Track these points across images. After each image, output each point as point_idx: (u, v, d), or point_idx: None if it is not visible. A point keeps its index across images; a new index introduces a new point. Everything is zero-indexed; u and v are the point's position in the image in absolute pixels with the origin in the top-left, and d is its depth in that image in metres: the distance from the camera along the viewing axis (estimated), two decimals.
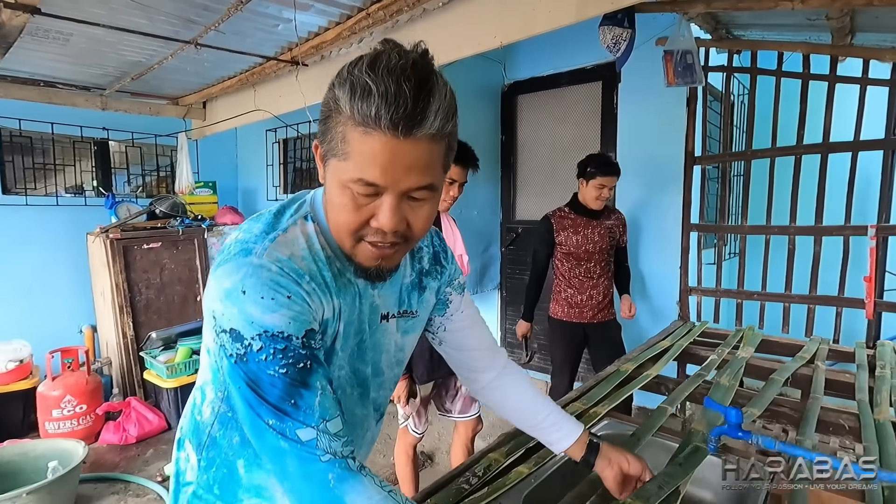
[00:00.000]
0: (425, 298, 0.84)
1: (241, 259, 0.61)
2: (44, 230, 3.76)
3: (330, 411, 0.61)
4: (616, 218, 2.49)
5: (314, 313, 0.63)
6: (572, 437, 0.92)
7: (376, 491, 0.60)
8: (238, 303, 0.59)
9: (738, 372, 1.74)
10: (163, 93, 3.70)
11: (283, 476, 0.60)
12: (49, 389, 3.02)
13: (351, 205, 0.60)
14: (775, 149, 2.44)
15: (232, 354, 0.60)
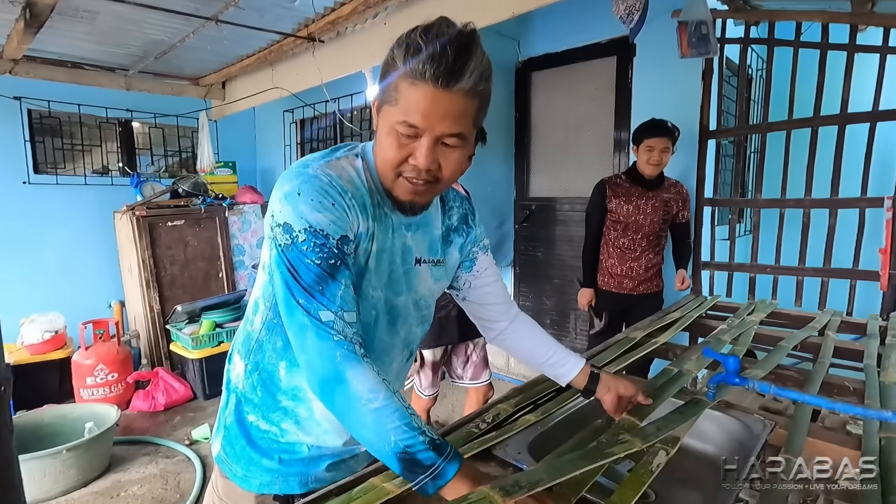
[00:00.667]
0: (450, 251, 0.97)
1: (301, 170, 0.76)
2: (74, 208, 3.91)
3: (348, 304, 0.74)
4: (676, 191, 2.40)
5: (350, 224, 0.76)
6: (576, 369, 1.05)
7: (373, 375, 0.71)
8: (293, 202, 0.73)
9: (747, 339, 1.77)
10: (184, 73, 3.79)
11: (302, 349, 0.73)
12: (83, 358, 3.18)
13: (395, 143, 0.74)
14: (792, 121, 2.41)
15: (281, 244, 0.73)
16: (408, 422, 0.68)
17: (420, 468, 0.66)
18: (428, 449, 0.67)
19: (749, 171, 3.18)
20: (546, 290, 3.55)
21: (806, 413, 1.15)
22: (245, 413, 0.90)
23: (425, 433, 0.69)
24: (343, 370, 0.70)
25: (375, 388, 0.69)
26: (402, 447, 0.67)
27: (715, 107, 2.61)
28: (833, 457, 1.09)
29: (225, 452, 0.92)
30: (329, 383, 0.70)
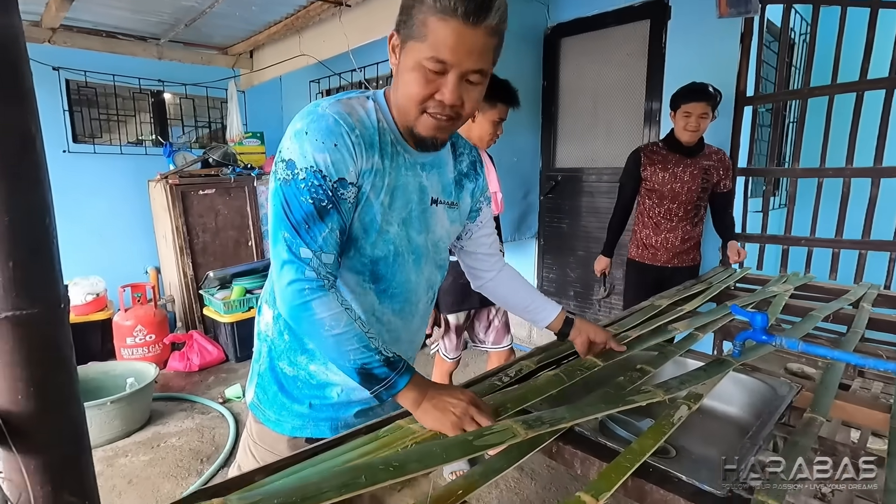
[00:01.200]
0: (463, 196, 1.00)
1: (312, 109, 0.79)
2: (111, 177, 4.05)
3: (329, 247, 0.79)
4: (718, 159, 2.28)
5: (353, 164, 0.79)
6: (554, 314, 1.14)
7: (336, 305, 0.78)
8: (301, 140, 0.77)
9: (777, 309, 1.73)
10: (213, 42, 3.82)
11: (278, 277, 0.78)
12: (123, 319, 3.34)
13: (422, 80, 0.76)
14: (836, 85, 2.30)
15: (281, 178, 0.77)
16: (366, 344, 0.78)
17: (375, 380, 0.78)
18: (382, 365, 0.78)
19: (787, 140, 3.06)
20: (570, 262, 3.53)
21: (834, 379, 1.13)
22: (275, 360, 0.94)
23: (381, 353, 0.79)
24: (309, 300, 0.76)
25: (337, 316, 0.77)
26: (360, 364, 0.77)
27: (753, 72, 2.51)
28: (862, 420, 1.08)
29: (258, 399, 0.97)
30: (296, 311, 0.77)
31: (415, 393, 0.80)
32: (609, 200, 3.25)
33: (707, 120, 2.15)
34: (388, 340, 0.94)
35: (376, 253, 0.87)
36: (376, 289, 0.90)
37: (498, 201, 2.02)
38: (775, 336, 0.96)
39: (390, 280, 0.90)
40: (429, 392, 0.81)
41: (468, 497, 0.68)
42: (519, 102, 1.90)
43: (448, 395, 0.81)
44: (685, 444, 1.10)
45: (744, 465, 0.80)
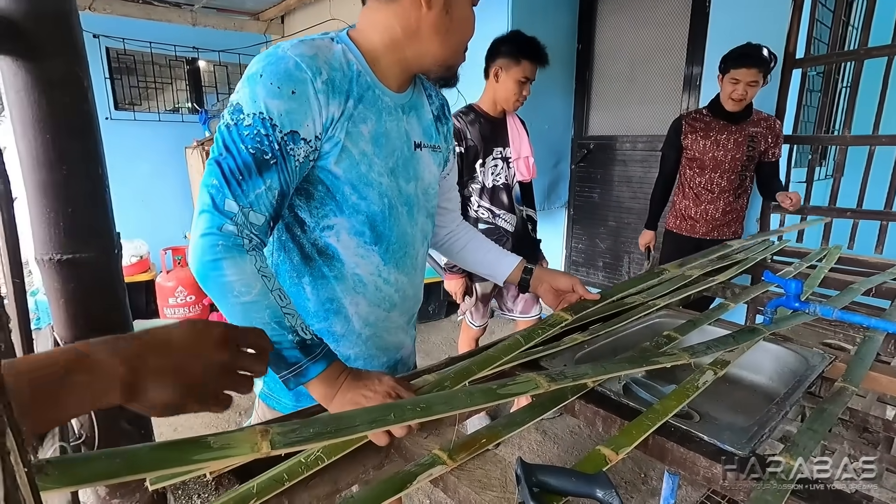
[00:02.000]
0: (441, 137, 0.96)
1: (271, 51, 0.72)
2: (151, 144, 4.19)
3: (261, 207, 0.70)
4: (766, 126, 2.13)
5: (313, 116, 0.71)
6: (511, 266, 1.09)
7: (251, 269, 0.68)
8: (253, 83, 0.69)
9: (814, 283, 1.67)
10: (245, 8, 3.84)
11: (195, 227, 0.69)
12: (165, 281, 3.51)
13: (474, 17, 0.81)
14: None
15: (226, 121, 0.70)
16: (279, 320, 0.68)
17: (284, 364, 0.68)
18: (294, 348, 0.68)
19: (839, 106, 2.88)
20: (601, 232, 3.48)
21: (872, 350, 1.10)
22: None
23: (296, 332, 0.69)
24: (220, 258, 0.67)
25: (250, 282, 0.68)
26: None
27: (805, 32, 2.35)
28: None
29: (269, 388, 0.92)
30: (204, 267, 0.68)
31: (326, 385, 0.70)
32: (643, 169, 3.17)
33: (756, 87, 2.02)
34: (397, 301, 0.92)
35: (372, 208, 0.82)
36: (379, 249, 0.85)
37: (530, 166, 2.00)
38: (809, 304, 0.94)
39: (389, 236, 0.86)
40: (343, 384, 0.71)
41: (492, 447, 0.71)
42: (547, 60, 1.84)
43: (364, 387, 0.71)
44: (710, 410, 1.10)
45: (767, 430, 0.80)
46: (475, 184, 1.92)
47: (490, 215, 1.95)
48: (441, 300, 3.74)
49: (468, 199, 1.94)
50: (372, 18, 0.80)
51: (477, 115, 1.90)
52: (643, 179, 3.17)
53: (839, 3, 2.34)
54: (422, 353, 3.23)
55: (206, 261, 0.67)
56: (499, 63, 1.82)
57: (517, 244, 1.98)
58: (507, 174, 1.94)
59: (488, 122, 1.90)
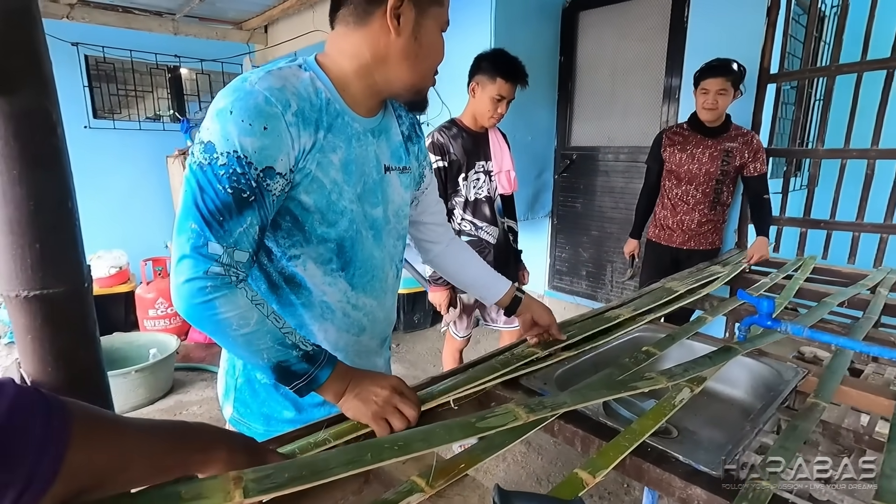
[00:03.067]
0: (411, 158, 0.96)
1: (238, 85, 0.70)
2: (130, 153, 4.12)
3: (245, 244, 0.70)
4: (743, 141, 2.16)
5: (286, 150, 0.71)
6: (503, 290, 1.10)
7: (244, 302, 0.69)
8: (223, 120, 0.67)
9: (789, 294, 1.72)
10: (227, 17, 3.82)
11: (177, 273, 0.68)
12: (145, 292, 3.44)
13: (443, 42, 0.81)
14: (865, 62, 2.21)
15: (196, 161, 0.68)
16: (280, 340, 0.71)
17: (295, 377, 0.72)
18: (301, 361, 0.72)
19: (811, 120, 2.96)
20: (584, 241, 3.51)
21: (843, 364, 1.13)
22: (253, 371, 0.88)
23: (298, 347, 0.72)
24: (212, 299, 0.67)
25: (246, 314, 0.69)
26: (276, 362, 0.71)
27: (779, 48, 2.42)
28: (867, 406, 1.08)
29: (239, 414, 0.91)
30: (196, 310, 0.67)
31: (336, 385, 0.76)
32: (625, 180, 3.22)
33: (726, 97, 2.07)
34: (366, 325, 0.92)
35: (340, 235, 0.82)
36: (346, 275, 0.85)
37: (511, 179, 2.01)
38: (781, 322, 0.96)
39: (356, 262, 0.86)
40: (351, 382, 0.77)
41: (473, 470, 0.71)
42: (525, 80, 1.84)
43: (371, 384, 0.77)
44: (688, 425, 1.12)
45: (741, 448, 0.82)
46: (458, 197, 1.94)
47: (473, 228, 1.96)
48: (426, 310, 3.73)
49: (451, 212, 1.95)
50: (340, 44, 0.80)
51: (459, 130, 1.91)
52: (625, 190, 3.22)
53: (811, 20, 2.41)
54: (407, 363, 3.22)
55: (195, 304, 0.67)
56: (477, 79, 1.84)
57: (498, 256, 2.00)
58: (489, 187, 1.96)
59: (470, 136, 1.92)
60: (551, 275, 3.72)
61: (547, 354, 1.11)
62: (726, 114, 2.16)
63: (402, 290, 3.50)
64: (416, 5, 0.76)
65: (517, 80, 1.81)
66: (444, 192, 1.90)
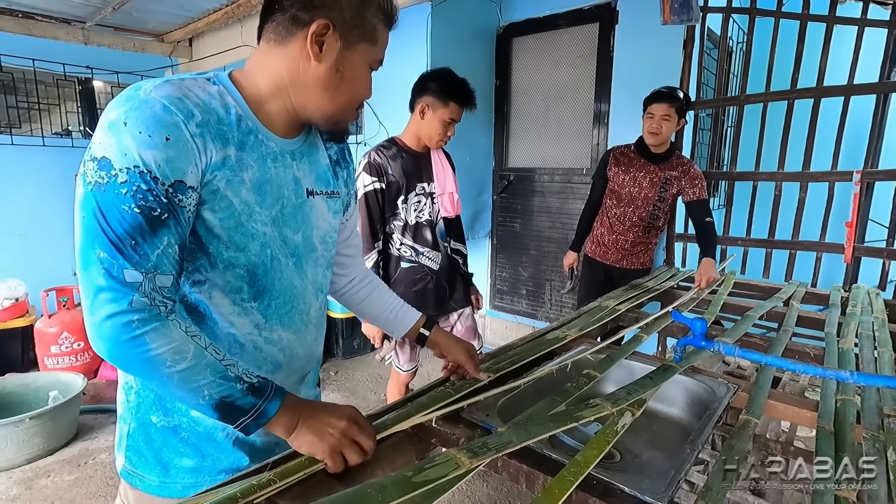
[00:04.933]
0: (340, 183, 0.92)
1: (131, 94, 0.63)
2: (32, 171, 3.72)
3: (165, 266, 0.64)
4: (683, 170, 2.22)
5: (193, 162, 0.65)
6: (408, 325, 1.07)
7: (179, 335, 0.64)
8: (117, 133, 0.60)
9: (715, 309, 1.80)
10: (146, 28, 3.58)
11: (92, 310, 0.61)
12: (46, 326, 3.07)
13: (370, 79, 0.79)
14: (769, 93, 2.42)
15: (90, 182, 0.60)
16: (222, 374, 0.65)
17: (241, 413, 0.67)
18: (246, 394, 0.67)
19: (725, 144, 3.20)
20: (523, 261, 3.56)
21: (767, 378, 1.18)
22: (147, 413, 0.79)
23: (242, 380, 0.67)
24: (141, 335, 0.61)
25: (181, 348, 0.63)
26: (218, 398, 0.65)
27: (695, 78, 2.60)
28: (792, 418, 1.13)
29: (132, 464, 0.81)
30: (121, 349, 0.61)
31: (286, 418, 0.70)
32: (560, 200, 3.30)
33: (670, 122, 2.14)
34: (282, 361, 0.84)
35: (251, 260, 0.75)
36: (259, 305, 0.78)
37: (454, 202, 1.95)
38: (714, 342, 0.98)
39: (271, 290, 0.79)
40: (302, 414, 0.71)
41: None
42: (474, 103, 1.81)
43: (325, 416, 0.72)
44: (630, 446, 1.11)
45: (683, 473, 0.81)
46: (397, 220, 1.85)
47: (413, 253, 1.88)
48: None
49: (390, 237, 1.87)
50: (261, 61, 0.76)
51: (399, 150, 1.84)
52: (561, 210, 3.30)
53: (721, 53, 2.62)
54: (346, 391, 3.07)
55: (122, 342, 0.61)
56: (426, 100, 1.76)
57: (441, 282, 1.93)
58: (430, 210, 1.89)
59: (411, 156, 1.85)
60: (493, 295, 3.73)
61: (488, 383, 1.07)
62: (671, 142, 2.24)
63: (341, 314, 3.37)
64: (343, 37, 0.72)
65: (468, 104, 1.77)
66: (380, 216, 1.82)
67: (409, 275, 1.87)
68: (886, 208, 2.29)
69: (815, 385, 1.64)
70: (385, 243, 1.86)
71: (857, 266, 2.35)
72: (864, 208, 2.31)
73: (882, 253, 2.25)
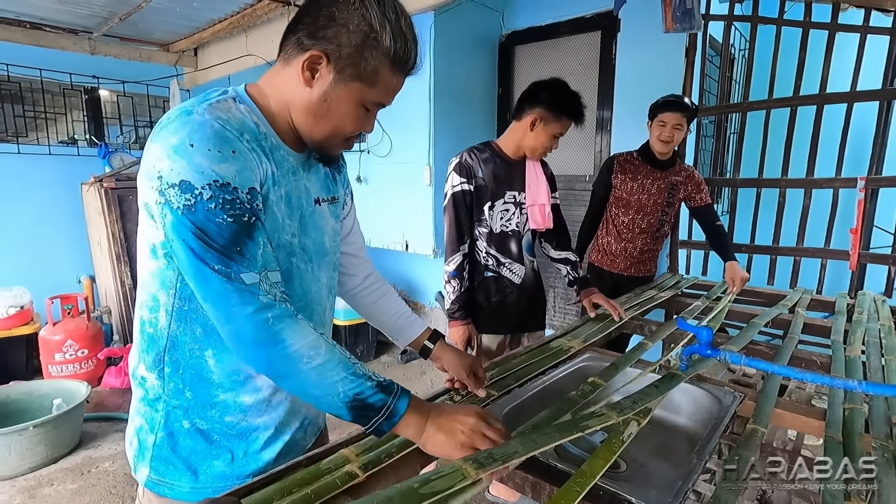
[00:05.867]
0: (338, 187, 0.95)
1: (185, 118, 0.66)
2: (38, 179, 3.75)
3: (271, 264, 0.69)
4: (686, 176, 2.24)
5: (255, 171, 0.70)
6: (413, 335, 1.06)
7: (310, 331, 0.68)
8: (187, 155, 0.64)
9: (720, 317, 1.79)
10: (152, 38, 3.62)
11: (228, 318, 0.65)
12: (50, 334, 3.08)
13: (362, 118, 0.77)
14: (771, 100, 2.42)
15: (178, 207, 0.64)
16: (353, 371, 0.68)
17: (373, 411, 0.68)
18: (377, 392, 0.68)
19: (728, 151, 3.20)
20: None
21: (774, 387, 1.18)
22: (179, 421, 0.79)
23: (371, 378, 0.69)
24: (278, 331, 0.65)
25: (315, 343, 0.67)
26: (352, 395, 0.67)
27: (697, 85, 2.61)
28: (799, 427, 1.12)
29: (159, 474, 0.81)
30: (264, 349, 0.66)
31: (416, 418, 0.71)
32: (563, 207, 3.28)
33: (681, 132, 2.13)
34: None
35: (282, 268, 0.78)
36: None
37: (545, 214, 1.82)
38: (719, 351, 0.98)
39: (293, 296, 0.80)
40: (431, 414, 0.73)
41: None
42: (584, 119, 1.70)
43: (454, 414, 0.74)
44: (636, 456, 1.10)
45: (690, 484, 0.80)
46: (482, 227, 1.73)
47: (495, 263, 1.76)
48: (370, 341, 3.61)
49: (475, 243, 1.75)
50: (272, 78, 0.79)
51: (493, 154, 1.72)
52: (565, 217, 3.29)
53: (723, 61, 2.63)
54: None
55: (262, 339, 0.65)
56: (538, 113, 1.64)
57: (522, 299, 1.81)
58: (518, 220, 1.77)
59: (504, 163, 1.73)
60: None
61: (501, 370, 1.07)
62: (674, 149, 2.23)
63: (344, 321, 3.37)
64: (338, 72, 0.73)
65: (580, 120, 1.69)
66: (468, 218, 1.70)
67: (490, 285, 1.77)
68: (891, 215, 2.29)
69: (822, 393, 1.63)
70: (472, 248, 1.76)
71: (862, 273, 2.33)
72: (869, 215, 2.30)
73: (888, 259, 2.24)
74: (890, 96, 2.19)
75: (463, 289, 1.71)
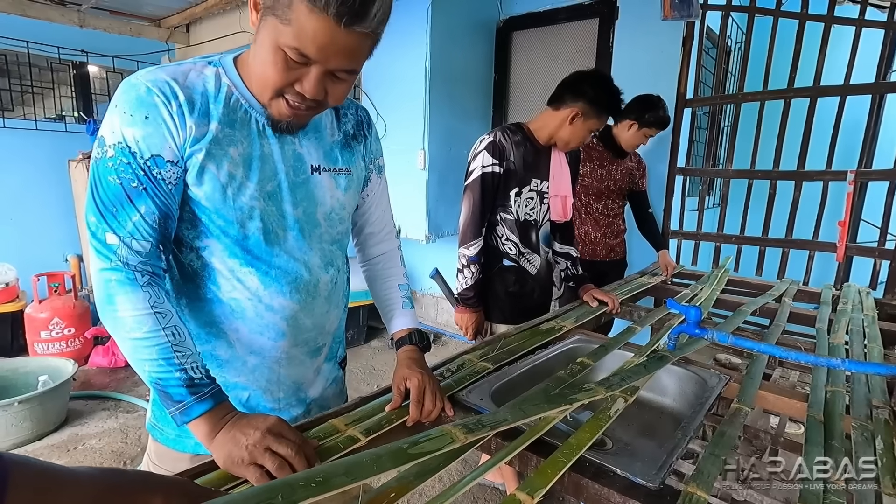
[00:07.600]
0: (355, 158, 0.92)
1: (126, 80, 0.72)
2: (24, 155, 3.68)
3: (142, 234, 0.71)
4: (637, 161, 2.39)
5: (171, 138, 0.71)
6: (392, 330, 1.02)
7: (144, 305, 0.68)
8: (110, 115, 0.70)
9: (709, 304, 1.82)
10: (143, 12, 3.54)
11: (91, 267, 0.71)
12: (36, 312, 3.05)
13: (281, 65, 0.67)
14: (766, 92, 2.43)
15: (94, 157, 0.71)
16: (167, 357, 0.68)
17: (170, 401, 0.68)
18: (181, 386, 0.68)
19: (721, 143, 3.22)
20: None
21: (759, 370, 1.20)
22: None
23: (185, 371, 0.68)
24: (113, 294, 0.68)
25: (142, 318, 0.68)
26: (156, 379, 0.68)
27: (693, 75, 2.61)
28: (782, 408, 1.14)
29: (155, 418, 0.87)
30: (102, 307, 0.70)
31: (208, 425, 0.68)
32: None
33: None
34: (286, 330, 0.85)
35: (244, 232, 0.78)
36: (257, 273, 0.81)
37: (566, 206, 1.78)
38: (707, 330, 0.99)
39: (269, 260, 0.81)
40: (227, 424, 0.68)
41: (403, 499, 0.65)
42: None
43: (245, 426, 0.68)
44: (622, 435, 1.12)
45: (675, 458, 0.81)
46: (507, 214, 1.67)
47: (516, 253, 1.71)
48: (360, 325, 3.61)
49: (493, 228, 1.69)
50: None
51: (524, 137, 1.66)
52: None
53: (720, 52, 2.63)
54: None
55: (102, 296, 0.69)
56: (580, 107, 1.58)
57: (537, 289, 1.78)
58: (539, 210, 1.72)
59: (533, 148, 1.67)
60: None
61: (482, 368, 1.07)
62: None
63: None
64: (263, 8, 0.67)
65: (618, 116, 1.72)
66: (492, 202, 1.64)
67: (508, 275, 1.73)
68: (879, 208, 2.32)
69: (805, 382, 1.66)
70: (490, 232, 1.70)
71: (848, 265, 2.37)
72: (857, 208, 2.33)
73: (873, 252, 2.27)
74: (883, 90, 2.21)
75: (480, 275, 1.67)
